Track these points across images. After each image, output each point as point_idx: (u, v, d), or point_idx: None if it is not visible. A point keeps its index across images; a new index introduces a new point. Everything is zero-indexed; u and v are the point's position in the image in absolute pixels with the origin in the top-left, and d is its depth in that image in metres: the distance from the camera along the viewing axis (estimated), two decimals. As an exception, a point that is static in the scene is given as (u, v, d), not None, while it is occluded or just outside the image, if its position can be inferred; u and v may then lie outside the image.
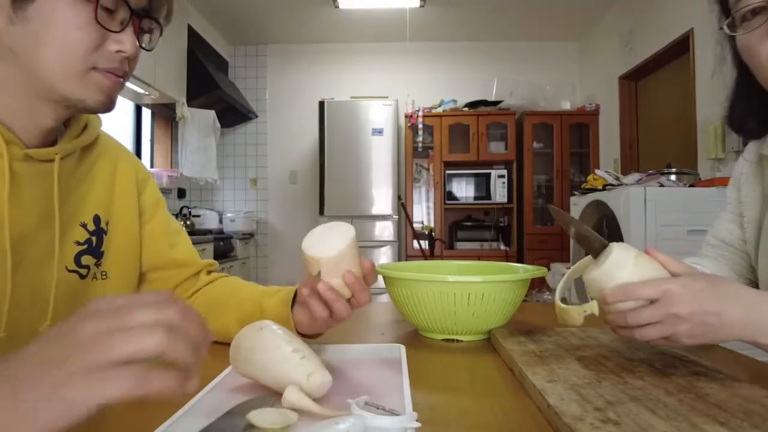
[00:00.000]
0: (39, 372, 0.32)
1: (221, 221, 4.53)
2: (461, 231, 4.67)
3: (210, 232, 3.95)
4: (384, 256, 4.38)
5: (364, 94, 4.64)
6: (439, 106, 4.65)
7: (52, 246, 0.65)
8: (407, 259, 4.48)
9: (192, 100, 3.90)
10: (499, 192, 4.53)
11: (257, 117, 4.98)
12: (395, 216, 4.41)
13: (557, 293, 0.69)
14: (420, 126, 4.47)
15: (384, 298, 3.99)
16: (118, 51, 0.60)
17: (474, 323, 0.78)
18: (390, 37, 4.78)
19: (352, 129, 4.38)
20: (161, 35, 0.67)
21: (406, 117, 4.58)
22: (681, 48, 3.27)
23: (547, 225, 4.53)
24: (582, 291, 2.87)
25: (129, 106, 3.93)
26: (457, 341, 0.81)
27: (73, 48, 0.57)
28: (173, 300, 0.36)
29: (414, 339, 0.82)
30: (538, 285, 3.73)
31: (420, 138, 4.48)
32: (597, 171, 3.03)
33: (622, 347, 0.68)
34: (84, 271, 0.70)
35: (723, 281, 0.59)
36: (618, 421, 0.43)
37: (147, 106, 4.02)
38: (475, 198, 4.60)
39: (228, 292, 0.82)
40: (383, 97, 4.48)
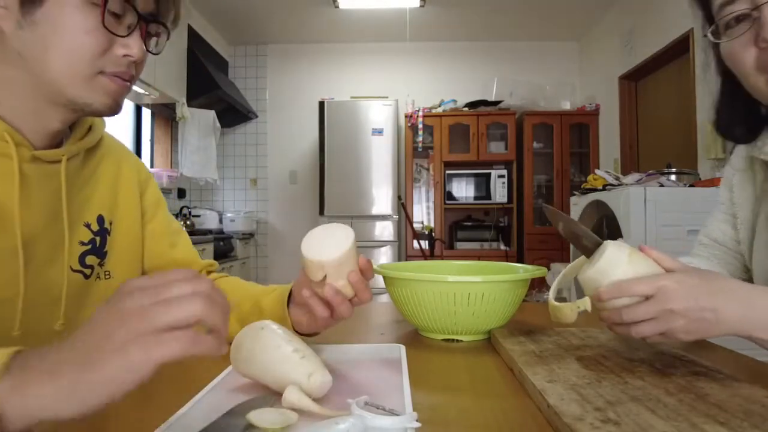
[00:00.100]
0: (98, 344, 0.36)
1: (221, 221, 4.53)
2: (461, 231, 4.67)
3: (210, 232, 3.95)
4: (384, 256, 4.38)
5: (364, 94, 4.64)
6: (439, 106, 4.65)
7: (59, 246, 0.66)
8: (407, 259, 4.48)
9: (192, 100, 3.90)
10: (499, 192, 4.53)
11: (257, 117, 4.99)
12: (395, 216, 4.41)
13: (551, 293, 0.69)
14: (420, 126, 4.47)
15: (384, 298, 3.99)
16: (125, 55, 0.60)
17: (474, 323, 0.78)
18: (390, 37, 4.79)
19: (352, 129, 4.38)
20: (168, 39, 0.68)
21: (406, 117, 4.57)
22: (681, 48, 3.28)
23: (547, 225, 4.53)
24: (582, 292, 2.86)
25: (129, 106, 3.93)
26: (457, 341, 0.81)
27: (81, 52, 0.58)
28: (199, 275, 0.41)
29: (414, 339, 0.82)
30: (538, 285, 3.73)
31: (420, 138, 4.48)
32: (597, 171, 3.03)
33: (622, 347, 0.68)
34: (88, 271, 0.70)
35: (717, 276, 0.60)
36: (618, 421, 0.43)
37: (147, 106, 4.02)
38: (475, 198, 4.60)
39: (227, 291, 0.82)
40: (383, 97, 4.48)
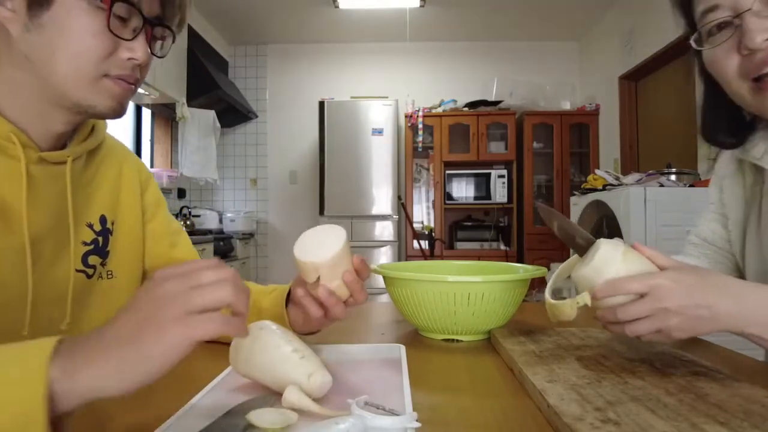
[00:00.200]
0: (141, 326, 0.39)
1: (221, 221, 4.53)
2: (461, 231, 4.67)
3: (210, 232, 3.95)
4: (384, 256, 4.38)
5: (364, 94, 4.63)
6: (439, 106, 4.64)
7: (64, 246, 0.66)
8: (407, 259, 4.48)
9: (192, 100, 3.90)
10: (499, 192, 4.53)
11: (257, 117, 4.98)
12: (395, 216, 4.40)
13: (547, 292, 0.69)
14: (420, 126, 4.47)
15: (384, 298, 3.99)
16: (129, 58, 0.60)
17: (474, 323, 0.78)
18: (390, 37, 4.78)
19: (352, 129, 4.38)
20: (173, 42, 0.68)
21: (406, 117, 4.57)
22: (681, 48, 3.27)
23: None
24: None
25: (129, 106, 3.89)
26: (457, 341, 0.81)
27: (87, 55, 0.58)
28: (223, 263, 0.44)
29: (414, 339, 0.82)
30: (538, 285, 3.73)
31: (420, 138, 4.48)
32: (597, 171, 3.03)
33: (622, 347, 0.68)
34: (91, 271, 0.70)
35: (710, 273, 0.60)
36: (618, 421, 0.43)
37: (147, 106, 4.02)
38: (475, 198, 4.60)
39: None
40: (383, 97, 4.48)
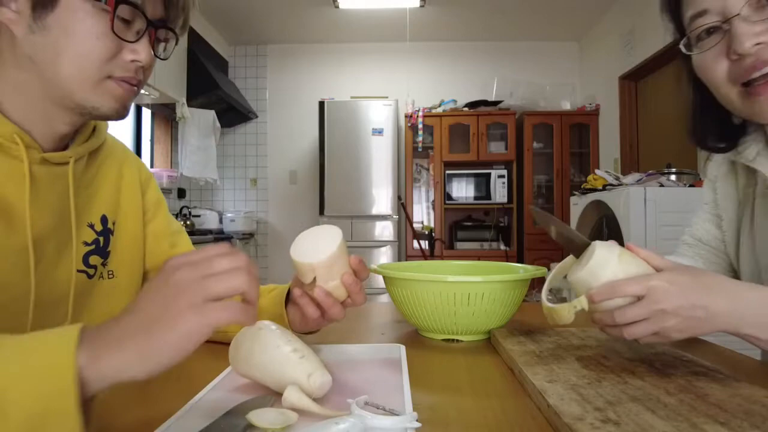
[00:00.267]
0: (159, 313, 0.40)
1: (221, 221, 4.53)
2: (461, 231, 4.67)
3: (210, 232, 3.95)
4: (384, 256, 4.38)
5: (364, 94, 4.63)
6: (439, 106, 4.64)
7: (66, 246, 0.66)
8: (407, 259, 4.48)
9: (192, 100, 3.90)
10: (499, 192, 4.53)
11: (257, 117, 4.98)
12: (395, 216, 4.40)
13: (543, 294, 0.68)
14: (420, 126, 4.47)
15: (384, 298, 3.99)
16: (133, 60, 0.61)
17: (474, 323, 0.78)
18: (390, 37, 4.78)
19: (352, 129, 4.38)
20: (177, 44, 0.68)
21: (406, 117, 4.57)
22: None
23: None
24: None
25: (129, 106, 3.93)
26: (457, 341, 0.81)
27: (90, 57, 0.58)
28: (236, 250, 0.45)
29: (414, 339, 0.82)
30: (538, 285, 3.72)
31: (420, 138, 4.47)
32: (597, 171, 3.03)
33: (622, 347, 0.68)
34: (92, 271, 0.71)
35: (705, 273, 0.60)
36: (618, 421, 0.43)
37: (147, 106, 4.02)
38: (475, 198, 4.59)
39: None
40: (383, 97, 4.48)
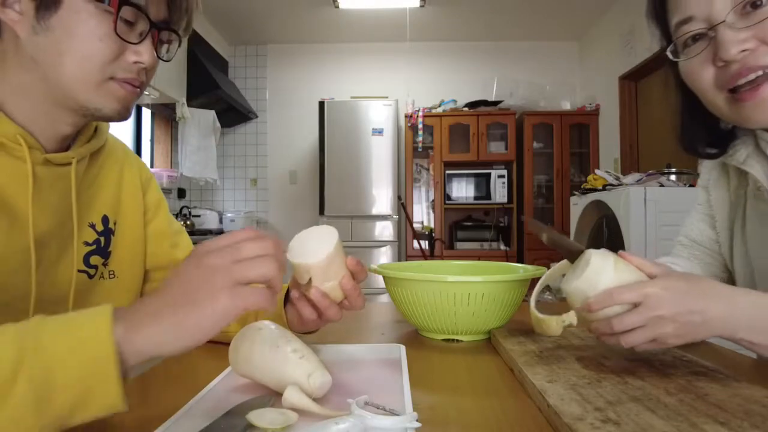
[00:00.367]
0: (192, 293, 0.43)
1: (221, 221, 4.53)
2: (461, 231, 4.67)
3: (210, 232, 3.95)
4: (384, 256, 4.38)
5: (364, 94, 4.63)
6: (439, 106, 4.64)
7: (68, 246, 0.66)
8: (407, 259, 4.47)
9: (192, 100, 3.89)
10: (499, 192, 4.53)
11: (257, 117, 4.98)
12: (395, 216, 4.40)
13: (532, 300, 0.68)
14: (420, 126, 4.47)
15: (384, 298, 3.99)
16: (135, 62, 0.61)
17: (474, 323, 0.78)
18: (390, 37, 4.78)
19: (352, 129, 4.37)
20: (180, 46, 0.68)
21: (406, 117, 4.57)
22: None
23: (546, 225, 4.52)
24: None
25: (129, 106, 3.93)
26: (457, 341, 0.81)
27: (93, 58, 0.58)
28: (264, 234, 0.48)
29: (414, 339, 0.82)
30: (538, 285, 3.73)
31: (420, 138, 4.47)
32: (597, 171, 3.03)
33: (622, 347, 0.68)
34: (92, 271, 0.70)
35: (699, 278, 0.60)
36: (618, 421, 0.43)
37: (147, 106, 4.02)
38: (475, 198, 4.59)
39: None
40: (383, 97, 4.47)
